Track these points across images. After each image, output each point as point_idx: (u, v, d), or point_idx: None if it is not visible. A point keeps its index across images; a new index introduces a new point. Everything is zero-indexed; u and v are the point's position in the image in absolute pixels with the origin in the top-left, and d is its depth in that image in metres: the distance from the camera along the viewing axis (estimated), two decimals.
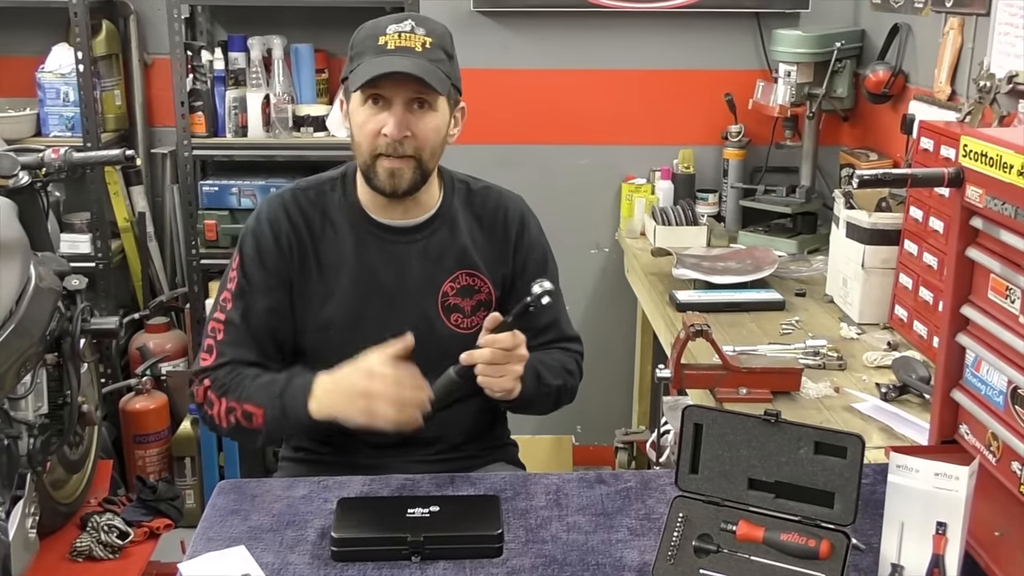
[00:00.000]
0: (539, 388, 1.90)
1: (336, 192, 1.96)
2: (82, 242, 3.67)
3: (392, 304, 1.92)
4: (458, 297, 1.95)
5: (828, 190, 3.53)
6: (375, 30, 1.84)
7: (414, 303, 1.93)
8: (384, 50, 1.80)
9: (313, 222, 1.92)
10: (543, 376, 1.92)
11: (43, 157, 2.66)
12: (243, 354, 1.88)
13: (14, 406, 2.51)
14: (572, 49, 3.70)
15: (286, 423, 1.81)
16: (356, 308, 1.91)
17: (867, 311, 2.68)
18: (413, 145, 1.82)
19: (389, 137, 1.80)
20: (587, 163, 3.80)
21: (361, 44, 1.84)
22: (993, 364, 1.45)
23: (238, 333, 1.89)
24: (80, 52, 3.50)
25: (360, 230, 1.93)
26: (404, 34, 1.81)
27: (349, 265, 1.92)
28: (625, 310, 3.82)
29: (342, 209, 1.94)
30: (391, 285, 1.92)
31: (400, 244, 1.94)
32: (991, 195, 1.42)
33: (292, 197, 1.94)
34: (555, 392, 1.97)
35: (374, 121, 1.82)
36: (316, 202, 1.94)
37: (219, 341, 1.89)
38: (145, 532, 2.99)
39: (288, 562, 1.53)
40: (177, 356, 3.81)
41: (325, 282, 1.92)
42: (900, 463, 1.39)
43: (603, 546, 1.57)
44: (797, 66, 3.34)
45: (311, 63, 3.70)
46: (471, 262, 1.96)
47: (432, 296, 1.94)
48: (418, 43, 1.81)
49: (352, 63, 1.84)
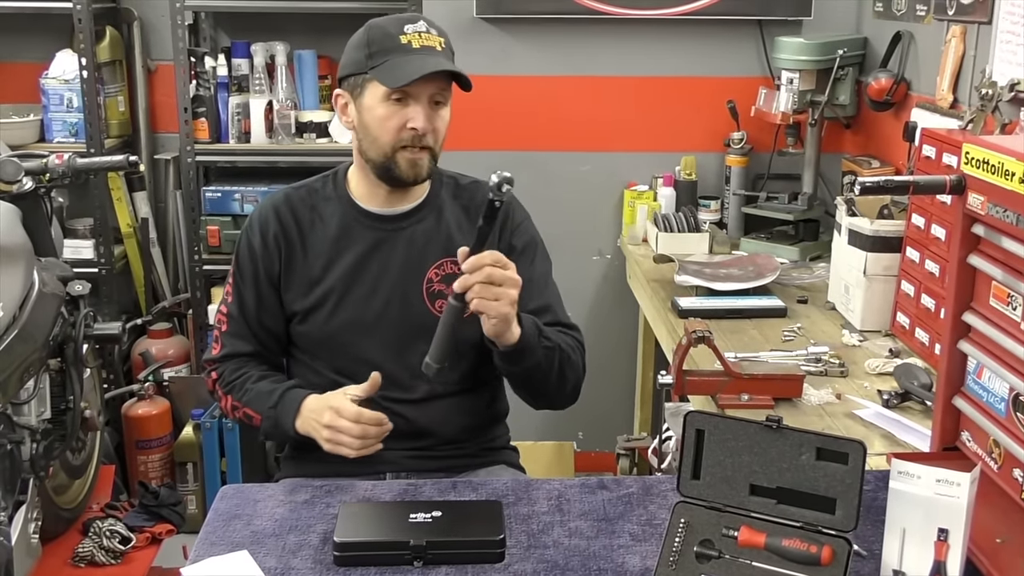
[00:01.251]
0: (539, 339, 1.89)
1: (327, 187, 2.07)
2: (85, 248, 3.68)
3: (376, 289, 2.00)
4: (443, 284, 1.99)
5: (830, 197, 3.53)
6: (393, 28, 1.91)
7: (398, 288, 2.00)
8: (411, 49, 1.88)
9: (302, 217, 2.04)
10: (542, 329, 1.92)
11: (47, 163, 2.66)
12: (242, 346, 2.05)
13: (17, 411, 2.52)
14: (574, 56, 3.71)
15: (276, 433, 1.98)
16: (340, 292, 2.00)
17: (869, 318, 2.68)
18: (432, 138, 1.93)
19: (419, 131, 1.90)
20: (589, 169, 3.80)
21: (380, 42, 1.91)
22: (995, 371, 1.45)
23: (237, 325, 2.05)
24: (84, 58, 3.51)
25: (347, 218, 2.03)
26: (423, 34, 1.91)
27: (335, 251, 2.01)
28: (627, 316, 3.82)
29: (330, 200, 2.05)
30: (376, 270, 2.01)
31: (386, 231, 2.02)
32: (993, 202, 1.42)
33: (284, 197, 2.07)
34: (557, 351, 1.94)
35: (399, 116, 1.90)
36: (306, 198, 2.06)
37: (223, 332, 2.06)
38: (147, 537, 3.00)
39: (291, 567, 1.53)
40: (180, 362, 3.81)
41: (310, 268, 2.02)
42: (902, 469, 1.39)
43: (605, 551, 1.57)
44: (799, 73, 3.34)
45: (314, 69, 3.71)
46: (456, 250, 1.94)
47: (416, 282, 2.00)
48: (437, 43, 1.92)
49: (373, 60, 1.90)
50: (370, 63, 1.91)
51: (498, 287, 1.73)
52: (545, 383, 1.96)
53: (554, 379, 1.96)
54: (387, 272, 2.01)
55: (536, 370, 1.91)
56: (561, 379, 1.97)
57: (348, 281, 2.00)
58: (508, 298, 1.75)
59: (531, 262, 2.05)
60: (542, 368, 1.92)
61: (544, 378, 1.95)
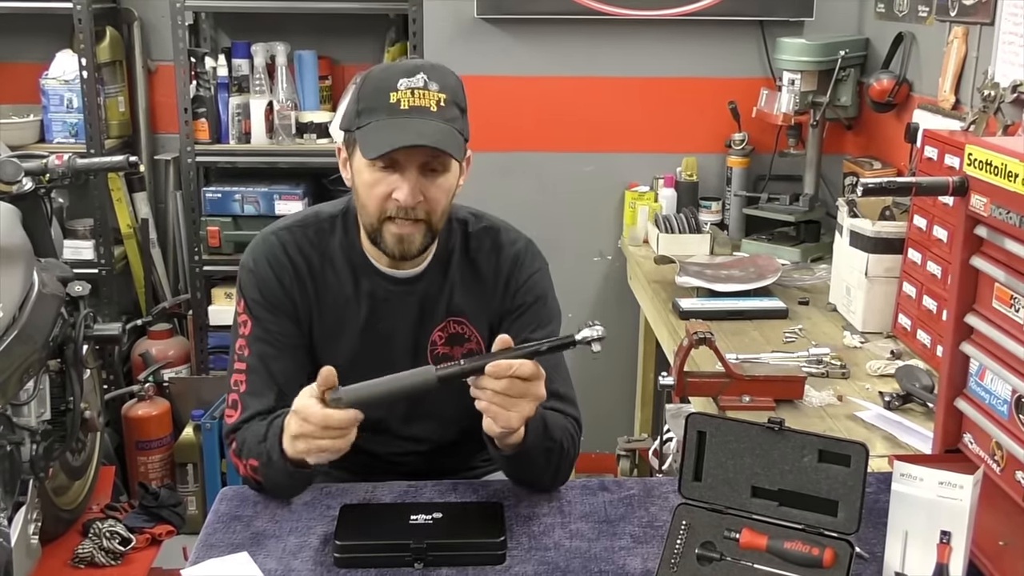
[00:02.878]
0: (544, 441, 1.69)
1: (336, 233, 1.87)
2: (85, 248, 3.68)
3: (386, 353, 1.85)
4: (447, 346, 1.88)
5: (832, 198, 3.53)
6: (385, 83, 1.69)
7: (405, 352, 1.86)
8: (397, 111, 1.67)
9: (312, 261, 1.85)
10: (550, 427, 1.71)
11: (47, 163, 2.66)
12: (263, 404, 1.78)
13: (17, 412, 2.52)
14: (575, 56, 3.71)
15: (272, 472, 1.69)
16: (356, 353, 1.85)
17: (870, 320, 2.68)
18: (425, 209, 1.73)
19: (402, 204, 1.70)
20: (590, 170, 3.80)
21: (370, 99, 1.70)
22: (997, 373, 1.44)
23: (260, 379, 1.80)
24: (84, 59, 3.51)
25: (359, 275, 1.86)
26: (417, 91, 1.68)
27: (349, 309, 1.86)
28: (628, 318, 3.81)
29: (342, 250, 1.86)
30: (387, 333, 1.86)
31: (397, 294, 1.86)
32: (996, 204, 1.41)
33: (290, 235, 1.85)
34: (557, 452, 1.73)
35: (384, 184, 1.71)
36: (316, 241, 1.86)
37: (243, 394, 1.80)
38: (147, 538, 3.00)
39: (291, 568, 1.53)
40: (180, 363, 3.81)
41: (324, 324, 1.86)
42: (904, 472, 1.39)
43: (606, 553, 1.57)
44: (801, 74, 3.34)
45: (314, 70, 3.71)
46: (458, 309, 1.88)
47: (422, 346, 1.87)
48: (432, 102, 1.68)
49: (360, 118, 1.71)
50: (357, 122, 1.71)
51: (516, 398, 1.55)
52: (534, 477, 1.76)
53: (546, 476, 1.76)
54: (397, 339, 1.87)
55: (531, 468, 1.73)
56: (554, 476, 1.76)
57: (363, 345, 1.86)
58: (521, 414, 1.57)
59: (535, 327, 1.86)
60: (538, 466, 1.72)
61: (536, 474, 1.75)
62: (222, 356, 3.74)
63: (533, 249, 1.93)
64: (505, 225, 1.94)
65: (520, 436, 1.63)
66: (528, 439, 1.65)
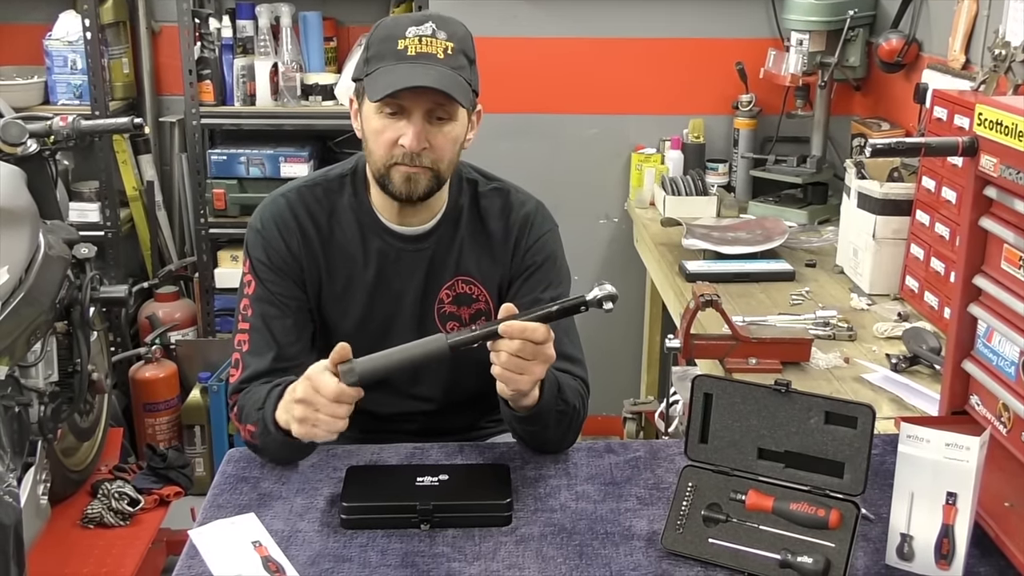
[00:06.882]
0: (557, 403, 1.70)
1: (346, 191, 1.88)
2: (91, 211, 3.68)
3: (396, 311, 1.88)
4: (454, 305, 1.88)
5: (839, 160, 3.51)
6: (393, 30, 1.72)
7: (413, 310, 1.88)
8: (404, 56, 1.70)
9: (320, 222, 1.86)
10: (563, 389, 1.73)
11: (51, 125, 2.65)
12: (264, 364, 1.79)
13: (24, 374, 2.52)
14: (582, 18, 3.67)
15: (267, 438, 1.70)
16: (365, 313, 1.87)
17: (878, 282, 2.67)
18: (431, 157, 1.74)
19: (407, 149, 1.72)
20: (596, 132, 3.78)
21: (378, 46, 1.73)
22: (1005, 334, 1.44)
23: (261, 339, 1.81)
24: (87, 19, 3.49)
25: (368, 234, 1.87)
26: (425, 38, 1.71)
27: (358, 268, 1.86)
28: (634, 280, 3.81)
29: (351, 209, 1.87)
30: (396, 291, 1.87)
31: (407, 252, 1.87)
32: (1006, 164, 1.40)
33: (298, 195, 1.86)
34: (570, 414, 1.74)
35: (392, 130, 1.73)
36: (323, 200, 1.87)
37: (245, 353, 1.81)
38: (155, 499, 3.01)
39: (298, 529, 1.53)
40: (186, 325, 3.82)
41: (334, 283, 1.87)
42: (910, 433, 1.39)
43: (612, 515, 1.57)
44: (809, 34, 3.31)
45: (319, 31, 3.69)
46: (467, 268, 1.88)
47: (429, 305, 1.88)
48: (439, 49, 1.71)
49: (368, 65, 1.74)
50: (365, 69, 1.74)
51: (528, 361, 1.55)
52: (545, 438, 1.76)
53: (556, 437, 1.76)
54: (406, 296, 1.87)
55: (543, 429, 1.73)
56: (563, 437, 1.77)
57: (371, 304, 1.87)
58: (532, 376, 1.57)
59: (545, 286, 1.88)
60: (549, 429, 1.73)
61: (548, 435, 1.75)
62: (228, 319, 3.74)
63: (543, 211, 1.94)
64: (515, 187, 1.95)
65: (535, 398, 1.64)
66: (543, 400, 1.65)
